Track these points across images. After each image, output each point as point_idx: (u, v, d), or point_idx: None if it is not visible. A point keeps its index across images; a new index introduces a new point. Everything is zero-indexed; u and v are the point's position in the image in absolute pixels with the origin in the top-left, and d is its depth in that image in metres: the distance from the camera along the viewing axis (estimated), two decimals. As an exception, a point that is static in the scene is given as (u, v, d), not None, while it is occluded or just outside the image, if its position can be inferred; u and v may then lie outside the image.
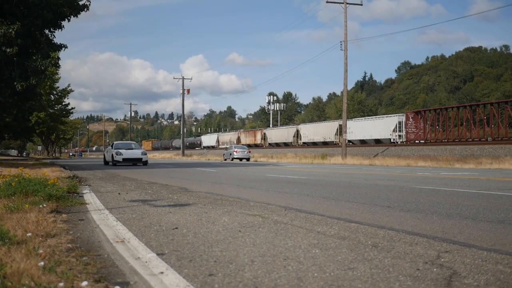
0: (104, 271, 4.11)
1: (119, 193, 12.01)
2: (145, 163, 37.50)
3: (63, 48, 30.63)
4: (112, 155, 37.06)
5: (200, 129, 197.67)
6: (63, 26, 28.93)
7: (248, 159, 59.89)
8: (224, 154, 65.83)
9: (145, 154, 38.30)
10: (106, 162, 40.25)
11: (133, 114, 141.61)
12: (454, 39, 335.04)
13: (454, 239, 5.50)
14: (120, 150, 37.16)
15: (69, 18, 28.21)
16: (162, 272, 4.03)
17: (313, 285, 3.63)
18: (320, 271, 4.03)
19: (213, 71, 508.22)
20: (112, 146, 39.37)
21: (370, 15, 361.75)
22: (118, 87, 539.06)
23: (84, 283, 3.54)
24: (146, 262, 4.44)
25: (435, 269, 4.08)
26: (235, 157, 59.87)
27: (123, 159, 36.49)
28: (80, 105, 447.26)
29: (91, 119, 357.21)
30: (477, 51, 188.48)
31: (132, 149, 38.86)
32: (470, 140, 48.45)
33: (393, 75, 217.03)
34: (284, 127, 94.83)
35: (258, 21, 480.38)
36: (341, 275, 3.91)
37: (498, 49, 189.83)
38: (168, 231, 6.15)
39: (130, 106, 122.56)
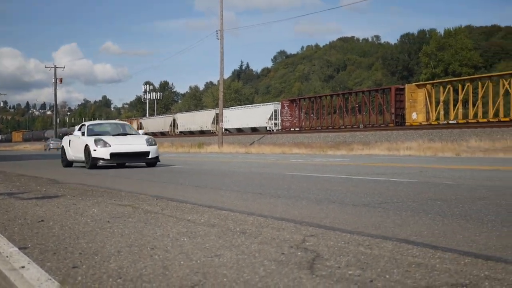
0: (-41, 268, 3.92)
1: (-16, 187, 11.52)
2: (154, 162, 19.23)
3: None
4: (87, 148, 18.59)
5: (74, 119, 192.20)
6: None
7: (58, 149, 69.22)
8: (44, 145, 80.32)
9: (153, 144, 19.40)
10: (68, 163, 20.98)
11: (2, 105, 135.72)
12: (327, 29, 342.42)
13: (320, 223, 5.63)
14: (103, 139, 18.75)
15: None
16: (23, 267, 3.89)
17: (178, 273, 3.62)
18: (187, 259, 4.02)
19: (87, 60, 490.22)
20: (83, 133, 19.95)
21: (247, 4, 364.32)
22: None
23: None
24: (7, 256, 4.27)
25: (299, 253, 4.17)
26: (51, 147, 70.53)
27: (112, 154, 18.39)
28: None
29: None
30: (350, 41, 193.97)
31: (124, 134, 20.76)
32: (343, 127, 50.05)
33: (269, 64, 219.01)
34: (160, 116, 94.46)
35: (133, 9, 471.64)
36: (208, 262, 3.93)
37: (370, 39, 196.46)
38: (33, 224, 5.95)
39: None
